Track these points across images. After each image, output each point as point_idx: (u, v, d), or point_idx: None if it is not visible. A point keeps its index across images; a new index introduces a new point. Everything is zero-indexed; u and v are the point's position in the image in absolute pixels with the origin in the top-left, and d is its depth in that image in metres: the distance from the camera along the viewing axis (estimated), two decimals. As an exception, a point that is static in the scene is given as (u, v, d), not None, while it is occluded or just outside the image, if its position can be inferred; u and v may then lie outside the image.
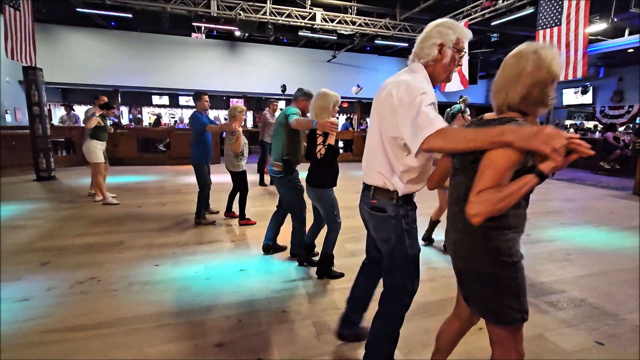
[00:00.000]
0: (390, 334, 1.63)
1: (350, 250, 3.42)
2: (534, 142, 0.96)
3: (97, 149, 5.07)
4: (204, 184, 4.18)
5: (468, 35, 1.44)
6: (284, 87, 12.80)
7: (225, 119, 16.11)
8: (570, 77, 6.53)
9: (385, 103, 1.40)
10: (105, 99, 5.60)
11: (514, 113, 1.12)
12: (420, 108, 1.21)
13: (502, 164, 1.01)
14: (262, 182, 6.78)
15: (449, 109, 3.41)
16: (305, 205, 3.00)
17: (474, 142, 1.06)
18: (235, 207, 4.37)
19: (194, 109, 4.22)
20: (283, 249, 3.37)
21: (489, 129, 1.05)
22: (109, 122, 5.47)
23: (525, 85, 1.07)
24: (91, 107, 5.36)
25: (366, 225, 1.71)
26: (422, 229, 3.94)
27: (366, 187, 1.59)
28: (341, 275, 2.84)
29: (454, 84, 9.36)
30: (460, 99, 3.49)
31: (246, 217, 4.23)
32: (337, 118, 3.10)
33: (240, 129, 3.91)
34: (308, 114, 2.89)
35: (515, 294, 1.16)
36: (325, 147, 2.49)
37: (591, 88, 14.23)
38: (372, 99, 1.54)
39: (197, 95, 4.15)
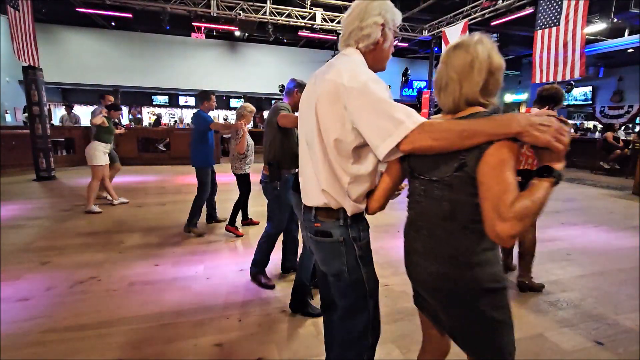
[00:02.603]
0: None
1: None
2: (545, 136, 0.82)
3: (98, 151, 4.80)
4: (204, 189, 3.87)
5: (400, 17, 1.22)
6: (282, 87, 12.83)
7: (225, 119, 16.13)
8: (567, 77, 6.54)
9: (326, 96, 1.09)
10: (112, 98, 5.43)
11: (475, 107, 0.98)
12: (385, 97, 0.99)
13: (514, 164, 0.86)
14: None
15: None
16: (286, 222, 2.64)
17: (471, 138, 0.88)
18: (251, 214, 4.23)
19: (197, 109, 3.93)
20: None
21: (486, 119, 0.89)
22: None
23: (482, 73, 0.95)
24: (97, 106, 5.30)
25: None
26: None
27: (307, 210, 1.25)
28: (320, 314, 2.12)
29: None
30: None
31: (235, 225, 3.95)
32: None
33: (247, 129, 3.77)
34: None
35: (511, 325, 1.01)
36: None
37: (591, 88, 14.24)
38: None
39: (206, 94, 3.84)
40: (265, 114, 15.12)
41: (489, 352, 1.01)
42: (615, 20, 8.82)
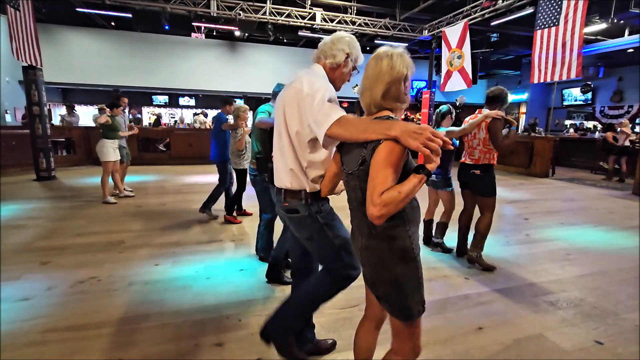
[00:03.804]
0: (312, 301, 1.65)
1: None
2: (415, 142, 1.00)
3: (106, 148, 5.11)
4: (224, 181, 4.39)
5: (362, 59, 1.55)
6: None
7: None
8: (564, 77, 6.53)
9: (290, 98, 1.44)
10: (126, 100, 5.73)
11: (384, 111, 1.19)
12: (323, 98, 1.29)
13: (395, 162, 1.06)
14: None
15: (438, 109, 3.45)
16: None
17: (365, 133, 1.11)
18: (246, 205, 4.58)
19: (219, 110, 4.55)
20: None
21: (378, 121, 1.11)
22: (122, 120, 5.58)
23: (383, 83, 1.16)
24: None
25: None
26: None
27: (278, 191, 1.58)
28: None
29: (457, 83, 9.33)
30: (457, 100, 3.58)
31: (233, 214, 4.38)
32: None
33: (246, 128, 4.12)
34: None
35: (418, 288, 1.21)
36: None
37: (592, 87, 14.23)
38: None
39: (229, 99, 4.48)
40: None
41: (402, 309, 1.20)
42: (615, 20, 8.81)
